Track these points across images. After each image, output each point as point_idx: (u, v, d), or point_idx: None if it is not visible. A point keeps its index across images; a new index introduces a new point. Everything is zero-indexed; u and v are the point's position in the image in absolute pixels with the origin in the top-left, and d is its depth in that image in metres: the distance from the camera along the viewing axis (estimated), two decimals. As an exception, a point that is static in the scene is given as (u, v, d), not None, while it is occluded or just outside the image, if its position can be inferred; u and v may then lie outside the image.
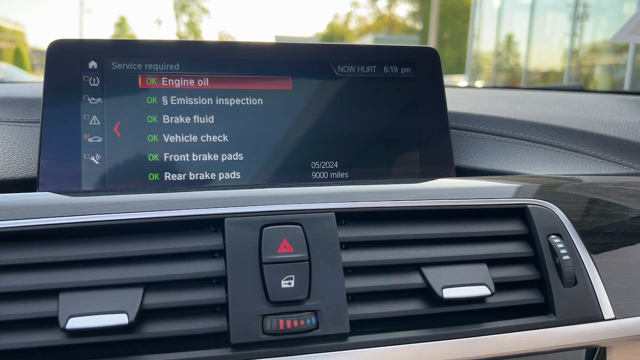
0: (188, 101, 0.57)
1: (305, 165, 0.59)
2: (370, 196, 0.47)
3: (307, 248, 0.42)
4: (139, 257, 0.41)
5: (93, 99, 0.55)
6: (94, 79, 0.55)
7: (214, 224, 0.43)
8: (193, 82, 0.57)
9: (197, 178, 0.56)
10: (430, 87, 0.64)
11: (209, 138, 0.57)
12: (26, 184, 0.56)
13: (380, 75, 0.62)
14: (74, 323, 0.37)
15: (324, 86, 0.61)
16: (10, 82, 0.80)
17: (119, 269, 0.40)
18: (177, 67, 0.57)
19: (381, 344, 0.42)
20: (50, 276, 0.39)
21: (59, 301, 0.38)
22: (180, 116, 0.57)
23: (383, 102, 0.62)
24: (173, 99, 0.57)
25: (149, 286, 0.40)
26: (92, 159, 0.54)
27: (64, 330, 0.37)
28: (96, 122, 0.55)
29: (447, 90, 0.65)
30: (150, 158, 0.55)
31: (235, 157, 0.57)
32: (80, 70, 0.55)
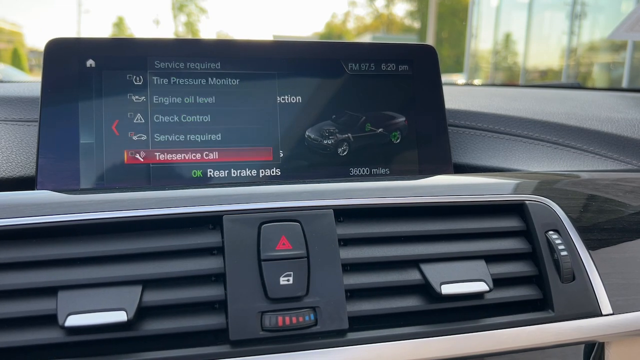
0: (187, 100, 0.57)
1: (304, 163, 0.59)
2: (368, 193, 0.47)
3: (305, 245, 0.42)
4: (137, 255, 0.41)
5: (91, 97, 0.55)
6: (92, 78, 0.55)
7: (213, 221, 0.43)
8: (193, 80, 0.57)
9: (195, 176, 0.56)
10: (428, 85, 0.64)
11: (207, 137, 0.57)
12: (24, 183, 0.56)
13: (378, 72, 0.63)
14: (73, 320, 0.37)
15: (322, 84, 0.61)
16: (9, 82, 0.80)
17: (118, 267, 0.40)
18: (176, 65, 0.57)
19: (380, 340, 0.42)
20: (48, 274, 0.39)
21: (58, 299, 0.38)
22: (180, 114, 0.57)
23: (381, 100, 0.62)
24: (172, 97, 0.57)
25: (147, 283, 0.40)
26: (90, 157, 0.54)
27: (63, 327, 0.37)
28: (94, 120, 0.55)
29: (445, 88, 0.65)
30: (149, 156, 0.55)
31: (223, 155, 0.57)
32: (78, 69, 0.55)
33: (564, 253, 0.47)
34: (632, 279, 0.50)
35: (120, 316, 0.37)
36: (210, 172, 0.57)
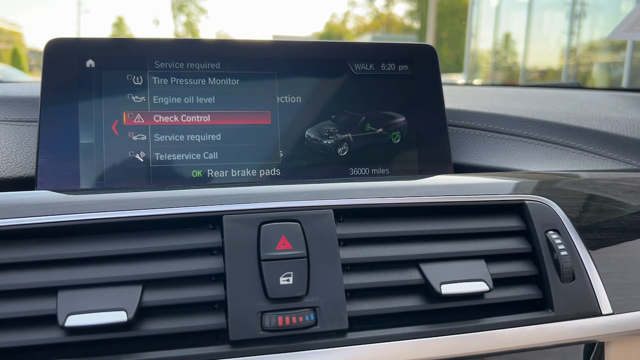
0: (187, 100, 0.57)
1: (304, 163, 0.59)
2: (368, 193, 0.47)
3: (305, 245, 0.42)
4: (137, 255, 0.41)
5: (91, 97, 0.55)
6: (92, 78, 0.55)
7: (212, 221, 0.43)
8: (192, 80, 0.57)
9: (195, 176, 0.56)
10: (428, 84, 0.64)
11: (207, 137, 0.57)
12: (24, 183, 0.56)
13: (377, 72, 0.63)
14: (73, 320, 0.37)
15: (321, 84, 0.61)
16: (8, 82, 0.80)
17: (118, 267, 0.40)
18: (175, 65, 0.57)
19: (380, 340, 0.42)
20: (49, 274, 0.39)
21: (58, 299, 0.38)
22: (180, 115, 0.57)
23: (381, 100, 0.62)
24: (172, 97, 0.57)
25: (147, 284, 0.40)
26: (90, 157, 0.54)
27: (63, 327, 0.37)
28: (94, 120, 0.55)
29: (445, 88, 0.65)
30: (148, 156, 0.55)
31: (223, 155, 0.57)
32: (78, 69, 0.55)
33: (563, 253, 0.47)
34: (632, 279, 0.50)
35: (120, 316, 0.37)
36: (210, 172, 0.57)
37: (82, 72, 0.55)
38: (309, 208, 0.44)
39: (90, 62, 0.55)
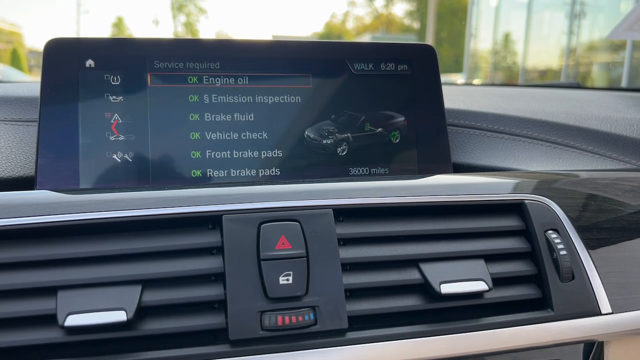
0: (187, 100, 0.57)
1: (303, 163, 0.59)
2: (368, 192, 0.47)
3: (305, 244, 0.43)
4: (137, 255, 0.41)
5: (90, 97, 0.55)
6: (91, 78, 0.55)
7: (212, 221, 0.43)
8: (194, 80, 0.57)
9: (195, 176, 0.56)
10: (428, 84, 0.64)
11: (207, 136, 0.57)
12: (24, 183, 0.56)
13: (377, 72, 0.63)
14: (73, 320, 0.37)
15: (321, 84, 0.61)
16: (8, 82, 0.80)
17: (118, 266, 0.40)
18: (175, 65, 0.57)
19: (379, 340, 0.42)
20: (48, 274, 0.39)
21: (58, 298, 0.38)
22: (181, 115, 0.57)
23: (380, 99, 0.62)
24: (172, 96, 0.57)
25: (147, 283, 0.40)
26: (90, 157, 0.54)
27: (62, 327, 0.37)
28: (93, 120, 0.55)
29: (444, 88, 0.65)
30: (148, 156, 0.55)
31: (222, 155, 0.57)
32: (77, 69, 0.55)
33: (563, 252, 0.47)
34: (631, 278, 0.50)
35: (120, 316, 0.37)
36: (209, 171, 0.57)
37: (81, 71, 0.55)
38: (309, 208, 0.44)
39: (89, 62, 0.55)
